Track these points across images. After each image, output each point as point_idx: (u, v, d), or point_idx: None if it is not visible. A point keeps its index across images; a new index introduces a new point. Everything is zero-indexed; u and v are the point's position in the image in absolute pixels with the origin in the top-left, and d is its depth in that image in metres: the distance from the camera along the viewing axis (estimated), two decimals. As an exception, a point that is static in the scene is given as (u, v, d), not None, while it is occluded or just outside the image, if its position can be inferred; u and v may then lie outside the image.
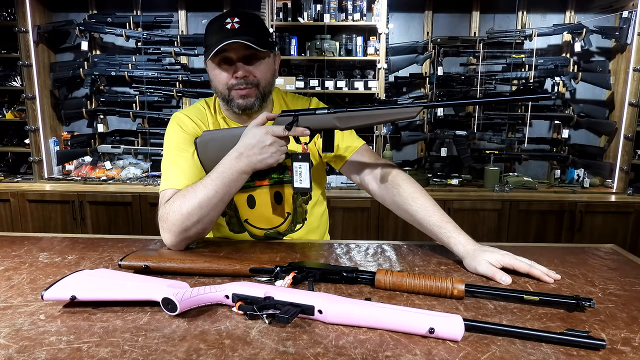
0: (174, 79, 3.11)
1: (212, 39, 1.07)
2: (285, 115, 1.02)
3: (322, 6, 2.97)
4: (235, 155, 1.00)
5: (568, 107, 3.15)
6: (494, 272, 0.91)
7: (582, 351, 0.64)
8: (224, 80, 1.10)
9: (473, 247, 0.97)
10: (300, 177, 1.06)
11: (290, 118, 1.01)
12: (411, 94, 3.21)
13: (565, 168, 3.19)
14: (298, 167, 1.06)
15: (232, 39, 1.02)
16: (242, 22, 1.06)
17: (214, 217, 1.04)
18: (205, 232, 1.06)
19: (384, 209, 2.89)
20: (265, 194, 1.21)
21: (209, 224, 1.04)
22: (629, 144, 2.91)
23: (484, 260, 0.93)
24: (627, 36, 2.84)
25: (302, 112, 1.02)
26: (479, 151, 3.19)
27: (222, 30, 1.05)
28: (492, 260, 0.93)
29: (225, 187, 1.00)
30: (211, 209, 1.01)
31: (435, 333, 0.66)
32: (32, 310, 0.75)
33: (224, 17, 1.07)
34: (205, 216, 1.01)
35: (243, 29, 1.05)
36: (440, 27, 3.18)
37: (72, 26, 3.05)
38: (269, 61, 1.13)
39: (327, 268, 0.89)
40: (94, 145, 3.31)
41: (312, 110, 1.02)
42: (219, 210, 1.03)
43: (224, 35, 1.04)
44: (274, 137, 0.98)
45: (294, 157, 1.05)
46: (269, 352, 0.63)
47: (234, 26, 1.05)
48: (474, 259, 0.94)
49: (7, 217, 2.93)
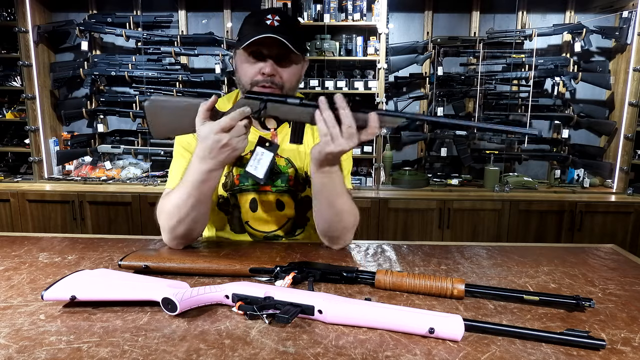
0: (174, 79, 3.11)
1: (248, 29, 1.05)
2: (252, 98, 0.95)
3: (322, 6, 2.97)
4: (198, 160, 0.96)
5: (568, 107, 3.15)
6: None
7: (582, 351, 0.64)
8: (250, 74, 1.06)
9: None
10: (257, 164, 0.99)
11: (257, 103, 0.94)
12: (411, 94, 3.21)
13: (565, 168, 3.19)
14: (260, 153, 0.99)
15: (270, 33, 1.00)
16: (282, 21, 1.04)
17: (198, 217, 1.01)
18: (195, 230, 1.04)
19: (384, 209, 2.93)
20: (268, 199, 1.21)
21: (194, 222, 1.02)
22: (629, 144, 2.91)
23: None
24: (627, 36, 2.84)
25: (271, 97, 0.95)
26: (479, 151, 3.19)
27: (261, 24, 1.03)
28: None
29: (197, 189, 0.97)
30: (190, 209, 0.99)
31: (435, 333, 0.66)
32: (32, 310, 0.75)
33: (265, 13, 1.05)
34: (186, 216, 0.99)
35: (282, 28, 1.03)
36: (440, 27, 3.18)
37: (72, 26, 3.05)
38: (299, 66, 1.10)
39: (327, 268, 0.89)
40: (94, 145, 3.31)
41: (283, 98, 0.95)
42: (200, 210, 1.01)
43: (262, 29, 1.02)
44: (228, 133, 0.92)
45: (261, 141, 1.00)
46: (269, 352, 0.63)
47: (273, 23, 1.03)
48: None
49: (7, 217, 2.93)
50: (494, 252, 1.09)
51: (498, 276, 0.94)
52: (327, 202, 1.03)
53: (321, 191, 1.02)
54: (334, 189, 1.01)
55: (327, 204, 1.03)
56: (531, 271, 0.97)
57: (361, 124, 0.90)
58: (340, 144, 0.90)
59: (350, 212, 1.07)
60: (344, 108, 0.89)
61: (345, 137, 0.90)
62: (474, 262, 1.02)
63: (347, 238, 1.11)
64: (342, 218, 1.06)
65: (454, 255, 1.06)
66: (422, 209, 2.81)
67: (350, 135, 0.90)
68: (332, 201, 1.03)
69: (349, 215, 1.07)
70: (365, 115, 0.89)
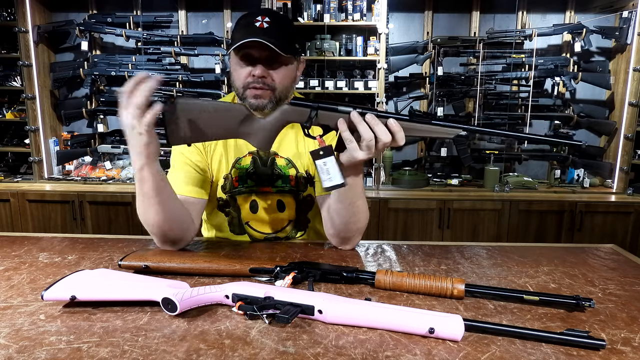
0: (174, 79, 3.10)
1: (239, 33, 1.05)
2: (299, 104, 0.92)
3: (322, 6, 2.97)
4: (130, 158, 0.93)
5: (568, 107, 3.15)
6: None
7: (582, 351, 0.64)
8: (242, 77, 1.07)
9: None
10: (329, 175, 0.92)
11: (308, 111, 0.90)
12: (411, 94, 3.21)
13: (565, 168, 3.19)
14: (322, 164, 0.92)
15: (255, 37, 1.00)
16: (272, 22, 1.04)
17: (158, 220, 0.97)
18: (168, 232, 1.00)
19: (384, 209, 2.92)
20: (268, 200, 1.21)
21: (160, 225, 0.98)
22: (629, 144, 2.91)
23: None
24: (627, 36, 2.84)
25: (322, 105, 0.91)
26: (479, 151, 3.19)
27: (250, 27, 1.03)
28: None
29: (142, 191, 0.94)
30: (146, 212, 0.97)
31: (435, 333, 0.66)
32: (32, 310, 0.75)
33: (256, 14, 1.05)
34: (148, 218, 0.97)
35: (271, 30, 1.03)
36: (440, 27, 3.18)
37: (72, 26, 3.05)
38: (291, 67, 1.10)
39: (327, 268, 0.89)
40: (94, 145, 3.31)
41: (334, 106, 0.91)
42: (159, 212, 0.96)
43: (250, 31, 1.02)
44: (123, 108, 0.87)
45: (314, 155, 0.93)
46: (269, 352, 0.63)
47: (262, 25, 1.03)
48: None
49: (7, 217, 2.93)
50: (494, 252, 1.09)
51: (498, 276, 0.94)
52: (349, 202, 1.04)
53: (346, 192, 1.01)
54: (357, 190, 1.02)
55: (349, 204, 1.04)
56: (531, 271, 0.97)
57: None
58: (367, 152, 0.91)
59: (366, 213, 1.09)
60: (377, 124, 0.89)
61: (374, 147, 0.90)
62: (474, 262, 1.02)
63: (358, 239, 1.12)
64: (358, 219, 1.07)
65: (454, 255, 1.06)
66: (422, 209, 2.82)
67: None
68: (353, 202, 1.04)
69: (365, 216, 1.09)
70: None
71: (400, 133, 0.89)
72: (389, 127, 0.89)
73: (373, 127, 0.88)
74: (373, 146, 0.89)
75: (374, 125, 0.88)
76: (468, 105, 3.20)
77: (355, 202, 1.04)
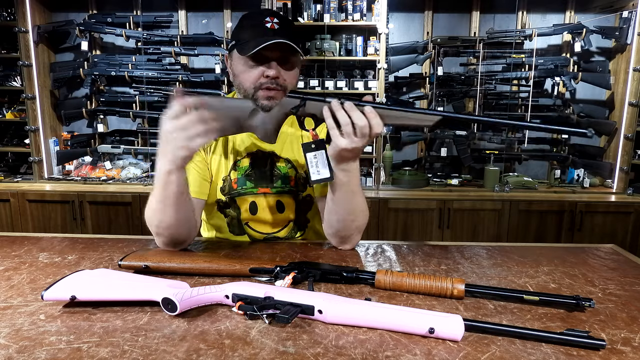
0: (174, 79, 3.11)
1: (248, 34, 1.04)
2: (293, 96, 0.96)
3: (322, 6, 2.97)
4: (158, 158, 0.92)
5: (568, 107, 3.15)
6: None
7: (582, 351, 0.64)
8: (254, 78, 1.05)
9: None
10: (317, 168, 0.96)
11: (297, 101, 0.94)
12: (411, 94, 3.21)
13: (565, 168, 3.19)
14: (312, 157, 0.96)
15: (274, 39, 0.99)
16: (280, 23, 1.04)
17: (172, 221, 0.97)
18: (180, 234, 1.01)
19: (384, 209, 2.92)
20: (268, 201, 1.21)
21: (175, 228, 0.99)
22: (629, 144, 2.91)
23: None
24: (627, 36, 2.84)
25: (310, 96, 0.94)
26: (479, 151, 3.19)
27: (261, 27, 1.02)
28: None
29: (164, 193, 0.94)
30: (162, 213, 0.97)
31: (435, 333, 0.66)
32: (32, 310, 0.75)
33: (263, 16, 1.05)
34: (162, 220, 0.97)
35: (282, 30, 1.03)
36: (440, 27, 3.18)
37: (72, 26, 3.05)
38: (298, 67, 1.11)
39: (327, 268, 0.89)
40: (94, 145, 3.31)
41: (322, 97, 0.94)
42: (173, 214, 0.96)
43: (262, 32, 1.01)
44: (176, 121, 0.87)
45: (306, 148, 0.96)
46: (269, 352, 0.63)
47: (273, 26, 1.03)
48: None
49: (7, 217, 2.93)
50: (494, 252, 1.09)
51: (498, 276, 0.94)
52: (344, 199, 1.03)
53: (339, 188, 1.01)
54: (351, 187, 1.02)
55: (344, 201, 1.03)
56: (531, 271, 0.97)
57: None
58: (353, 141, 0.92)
59: (364, 212, 1.08)
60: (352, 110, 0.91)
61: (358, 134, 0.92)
62: (474, 262, 1.02)
63: (357, 238, 1.11)
64: (356, 217, 1.06)
65: (454, 255, 1.06)
66: (422, 209, 2.82)
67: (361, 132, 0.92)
68: (349, 199, 1.03)
69: (363, 215, 1.08)
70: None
71: (375, 119, 0.91)
72: (365, 113, 0.91)
73: (350, 113, 0.91)
74: (351, 132, 0.91)
75: (350, 112, 0.91)
76: (468, 105, 3.20)
77: (350, 199, 1.03)
